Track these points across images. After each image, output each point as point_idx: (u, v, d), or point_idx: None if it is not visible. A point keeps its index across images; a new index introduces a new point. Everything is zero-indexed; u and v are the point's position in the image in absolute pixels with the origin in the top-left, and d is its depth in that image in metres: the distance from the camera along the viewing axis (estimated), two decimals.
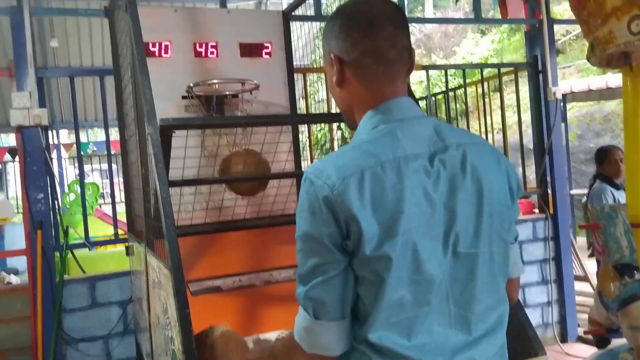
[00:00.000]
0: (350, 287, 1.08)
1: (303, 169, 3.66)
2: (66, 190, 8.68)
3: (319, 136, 10.63)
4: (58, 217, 3.59)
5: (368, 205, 1.03)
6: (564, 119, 6.75)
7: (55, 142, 10.29)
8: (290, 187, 3.18)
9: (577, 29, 12.91)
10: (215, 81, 3.05)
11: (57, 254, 3.49)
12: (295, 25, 3.69)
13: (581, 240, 6.82)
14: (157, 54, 3.22)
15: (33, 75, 3.30)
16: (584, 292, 5.25)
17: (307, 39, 3.66)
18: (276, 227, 2.97)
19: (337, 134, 5.37)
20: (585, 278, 5.35)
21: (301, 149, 3.70)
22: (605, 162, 4.51)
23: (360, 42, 1.15)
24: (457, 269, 1.10)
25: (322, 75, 4.46)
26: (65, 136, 14.47)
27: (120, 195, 7.37)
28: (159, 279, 2.03)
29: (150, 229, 2.34)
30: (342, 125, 6.69)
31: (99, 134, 17.38)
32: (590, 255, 4.43)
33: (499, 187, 1.17)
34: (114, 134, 4.49)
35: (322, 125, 6.45)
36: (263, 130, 2.89)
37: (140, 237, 2.65)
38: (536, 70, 4.82)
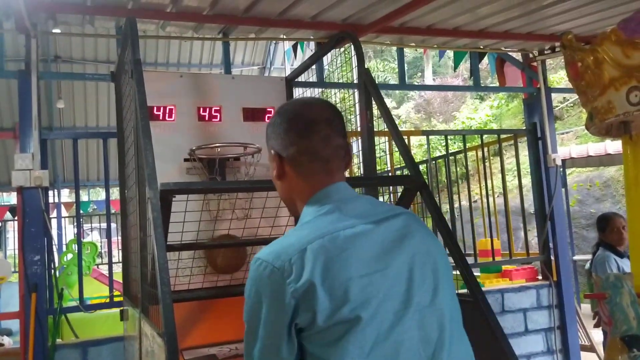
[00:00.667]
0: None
1: None
2: (64, 249, 8.60)
3: None
4: (53, 280, 3.53)
5: (317, 277, 1.07)
6: (564, 184, 6.77)
7: (56, 200, 10.29)
8: None
9: (574, 96, 13.18)
10: (217, 144, 3.07)
11: (51, 317, 3.41)
12: (297, 92, 3.75)
13: (586, 308, 6.68)
14: (161, 117, 3.26)
15: (37, 137, 3.33)
16: None
17: None
18: None
19: None
20: (591, 348, 5.20)
21: None
22: (607, 230, 4.47)
23: (297, 141, 1.25)
24: (426, 326, 1.14)
25: None
26: (66, 195, 14.50)
27: (118, 255, 7.31)
28: (152, 347, 1.97)
29: (145, 294, 2.29)
30: None
31: (100, 193, 17.43)
32: (596, 325, 4.33)
33: (442, 251, 1.27)
34: (115, 193, 4.49)
35: None
36: (264, 195, 2.88)
37: (136, 301, 2.59)
38: (535, 137, 4.87)
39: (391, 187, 4.01)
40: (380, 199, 3.05)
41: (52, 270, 3.51)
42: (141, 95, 2.30)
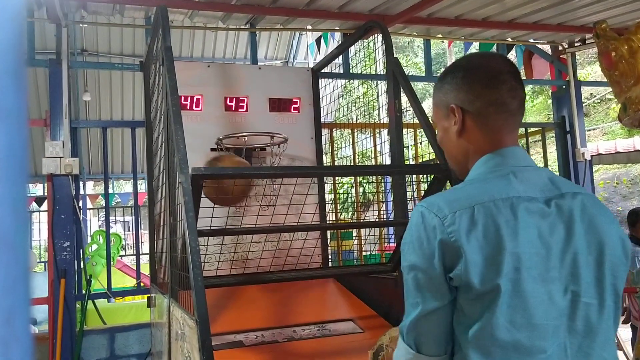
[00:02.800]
0: (451, 323, 1.08)
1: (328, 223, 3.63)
2: (89, 240, 8.74)
3: (341, 191, 10.63)
4: (82, 266, 3.59)
5: (478, 239, 1.04)
6: (591, 181, 6.66)
7: (81, 192, 10.45)
8: (316, 241, 3.14)
9: (601, 92, 12.95)
10: (245, 134, 3.09)
11: (79, 303, 3.47)
12: (323, 82, 3.75)
13: None
14: (188, 107, 3.29)
15: (67, 125, 3.38)
16: None
17: (331, 97, 3.71)
18: (301, 281, 2.91)
19: (360, 190, 5.37)
20: (618, 346, 5.11)
21: (327, 202, 3.69)
22: (638, 224, 4.39)
23: (484, 93, 1.19)
24: (576, 320, 1.07)
25: (345, 132, 4.51)
26: (90, 187, 14.71)
27: (142, 248, 7.39)
28: (182, 330, 1.98)
29: (175, 279, 2.31)
30: (365, 180, 6.69)
31: (124, 186, 17.63)
32: (625, 322, 4.25)
33: (615, 241, 1.15)
34: (141, 186, 4.54)
35: (344, 180, 6.45)
36: (291, 182, 2.89)
37: (164, 288, 2.61)
38: (564, 130, 4.80)
39: (416, 177, 3.98)
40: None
41: (81, 257, 3.56)
42: (172, 82, 2.32)
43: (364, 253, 4.10)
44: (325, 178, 3.66)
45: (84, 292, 3.54)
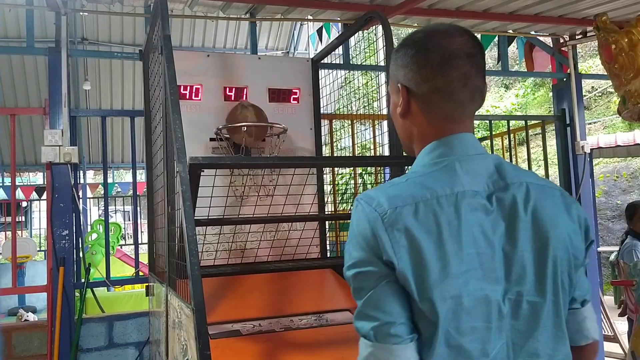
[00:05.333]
0: (405, 300, 0.98)
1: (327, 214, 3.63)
2: (89, 229, 8.77)
3: (340, 183, 10.63)
4: (81, 255, 3.60)
5: (420, 240, 0.97)
6: (591, 175, 6.67)
7: (81, 182, 10.46)
8: (314, 232, 3.15)
9: (602, 85, 12.93)
10: (244, 124, 3.08)
11: (77, 291, 3.48)
12: (323, 73, 3.74)
13: (609, 300, 6.61)
14: (187, 96, 3.28)
15: (66, 114, 3.38)
16: (613, 353, 5.04)
17: (331, 88, 3.70)
18: (299, 271, 2.92)
19: (360, 181, 5.38)
20: (614, 339, 5.14)
21: (326, 194, 3.69)
22: (635, 218, 4.40)
23: (432, 78, 1.08)
24: (520, 319, 1.02)
25: (345, 123, 4.50)
26: (90, 177, 14.72)
27: (141, 237, 7.41)
28: (179, 319, 1.99)
29: (173, 268, 2.32)
30: (365, 171, 6.69)
31: (124, 176, 17.63)
32: (621, 314, 4.27)
33: (566, 233, 1.08)
34: (141, 176, 4.54)
35: (344, 171, 6.46)
36: (290, 173, 2.89)
37: (162, 277, 2.63)
38: (564, 123, 4.79)
39: None
40: None
41: (80, 246, 3.57)
42: (171, 71, 2.31)
43: None
44: (324, 169, 3.67)
45: (82, 280, 3.56)
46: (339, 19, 4.13)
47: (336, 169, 4.35)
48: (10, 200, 3.87)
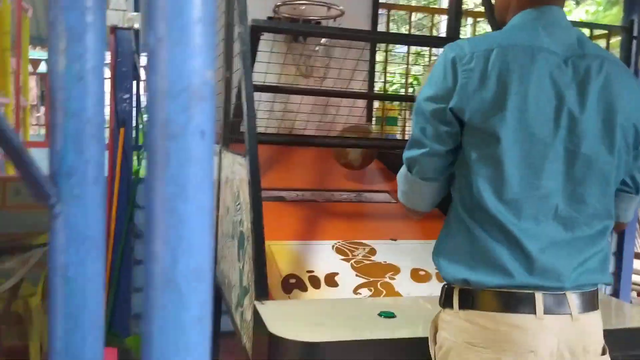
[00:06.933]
0: (450, 161, 1.20)
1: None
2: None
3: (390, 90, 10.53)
4: (140, 120, 3.81)
5: (490, 78, 1.11)
6: None
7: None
8: (363, 110, 3.24)
9: None
10: (302, 2, 3.11)
11: (135, 152, 3.72)
12: None
13: None
14: None
15: None
16: None
17: None
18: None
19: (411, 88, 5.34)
20: None
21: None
22: None
23: None
24: (575, 168, 1.14)
25: (402, 13, 4.42)
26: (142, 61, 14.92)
27: None
28: (232, 170, 2.16)
29: (227, 128, 2.47)
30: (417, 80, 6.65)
31: None
32: None
33: (633, 107, 1.18)
34: None
35: (396, 80, 6.42)
36: (342, 57, 2.95)
37: (216, 138, 2.79)
38: (630, 35, 4.58)
39: None
40: None
41: (139, 111, 3.77)
42: None
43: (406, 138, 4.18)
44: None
45: (140, 143, 3.78)
46: None
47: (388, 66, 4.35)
48: None
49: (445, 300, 1.21)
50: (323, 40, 3.31)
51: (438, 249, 1.24)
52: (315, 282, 1.89)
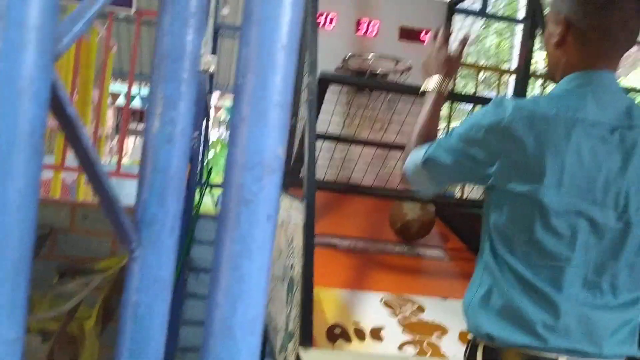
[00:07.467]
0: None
1: None
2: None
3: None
4: (205, 156, 3.96)
5: (527, 147, 1.11)
6: None
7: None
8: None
9: None
10: (371, 54, 3.20)
11: (198, 188, 3.86)
12: (456, 18, 3.72)
13: None
14: (321, 24, 3.42)
15: (211, 23, 3.66)
16: None
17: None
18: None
19: None
20: None
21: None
22: None
23: (593, 15, 1.14)
24: (604, 239, 1.12)
25: (470, 72, 4.45)
26: (214, 100, 15.52)
27: None
28: (288, 213, 2.22)
29: (288, 173, 2.54)
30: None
31: None
32: None
33: None
34: None
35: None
36: (405, 112, 3.00)
37: None
38: None
39: None
40: None
41: (206, 149, 3.93)
42: None
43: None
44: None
45: (204, 180, 3.92)
46: None
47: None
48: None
49: (470, 356, 1.20)
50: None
51: (467, 298, 1.23)
52: (360, 334, 1.89)
